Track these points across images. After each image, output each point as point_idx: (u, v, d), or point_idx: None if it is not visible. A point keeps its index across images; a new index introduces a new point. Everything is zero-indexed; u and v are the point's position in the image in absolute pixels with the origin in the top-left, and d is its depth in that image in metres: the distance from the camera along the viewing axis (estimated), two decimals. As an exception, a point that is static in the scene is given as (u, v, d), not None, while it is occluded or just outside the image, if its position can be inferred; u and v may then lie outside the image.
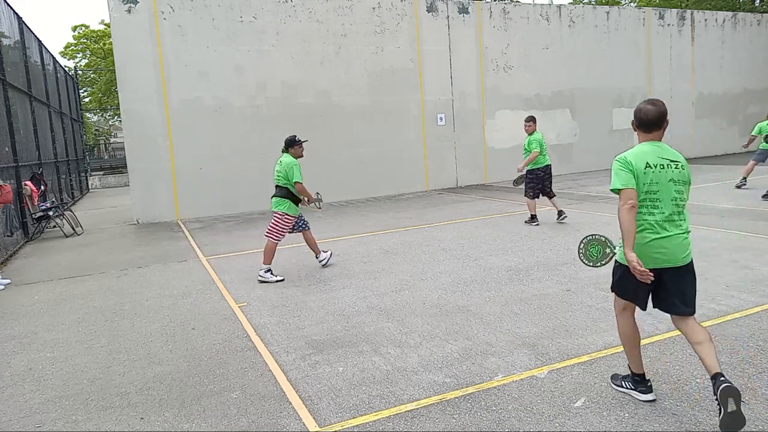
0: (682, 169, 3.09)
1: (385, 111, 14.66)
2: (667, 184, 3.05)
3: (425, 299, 5.42)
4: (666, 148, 3.13)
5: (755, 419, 2.97)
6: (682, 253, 3.06)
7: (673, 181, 3.06)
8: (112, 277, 7.32)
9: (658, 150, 3.10)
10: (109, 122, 47.20)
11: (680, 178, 3.08)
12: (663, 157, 3.08)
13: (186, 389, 3.79)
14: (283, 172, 6.79)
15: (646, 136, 3.16)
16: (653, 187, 3.04)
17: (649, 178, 3.04)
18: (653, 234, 3.05)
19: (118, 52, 12.14)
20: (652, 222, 3.06)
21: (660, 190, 3.04)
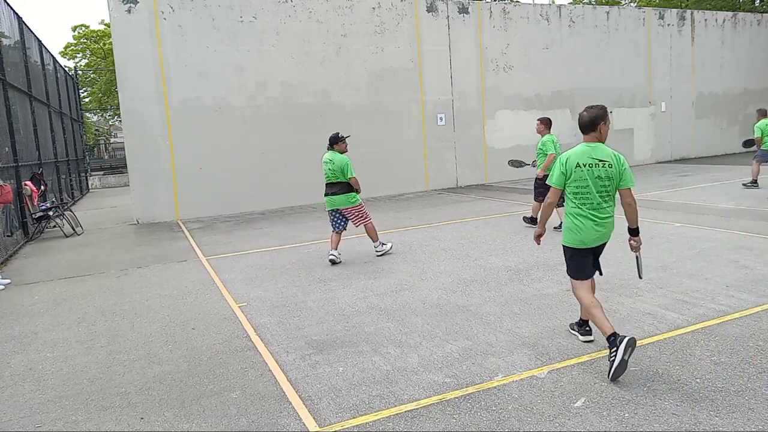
0: (609, 168, 3.74)
1: (385, 111, 14.66)
2: (594, 180, 3.75)
3: (425, 299, 5.42)
4: (599, 149, 3.78)
5: (755, 419, 2.97)
6: (609, 234, 3.92)
7: (599, 178, 3.74)
8: (112, 277, 7.32)
9: (590, 151, 3.77)
10: (109, 122, 47.21)
11: (606, 174, 3.74)
12: (593, 157, 3.75)
13: (186, 389, 3.79)
14: (338, 170, 7.11)
15: (584, 137, 3.85)
16: (583, 183, 3.77)
17: (578, 176, 3.77)
18: (591, 221, 3.81)
19: (118, 52, 12.14)
20: (585, 212, 3.81)
21: (589, 185, 3.76)
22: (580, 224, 3.82)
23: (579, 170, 3.76)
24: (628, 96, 18.28)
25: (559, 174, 3.83)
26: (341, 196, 7.14)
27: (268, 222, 11.35)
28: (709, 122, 20.18)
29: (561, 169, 3.82)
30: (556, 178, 3.84)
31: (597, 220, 3.80)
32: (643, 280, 5.55)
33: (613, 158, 3.75)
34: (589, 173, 3.75)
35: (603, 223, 3.81)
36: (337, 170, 7.10)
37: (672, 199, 10.71)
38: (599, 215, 3.79)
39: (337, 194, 7.14)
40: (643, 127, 18.79)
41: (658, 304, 4.86)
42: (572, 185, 3.80)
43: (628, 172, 3.77)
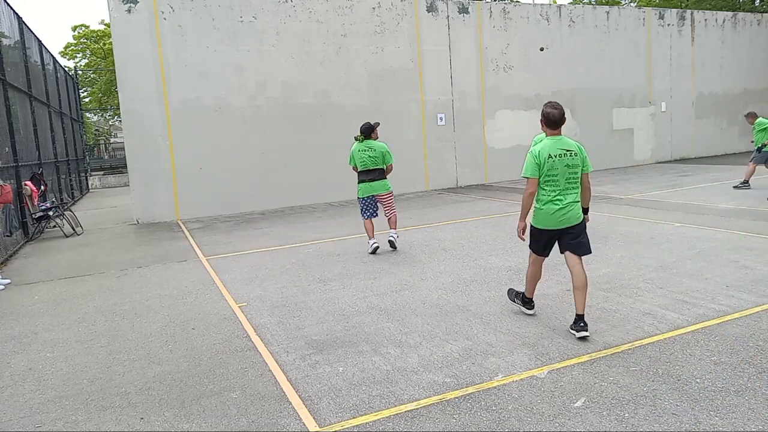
0: (574, 156, 4.26)
1: (385, 111, 14.66)
2: (563, 168, 4.23)
3: (425, 299, 5.42)
4: (564, 140, 4.30)
5: (755, 419, 2.97)
6: (576, 217, 4.31)
7: (567, 166, 4.24)
8: (112, 277, 7.32)
9: (557, 143, 4.28)
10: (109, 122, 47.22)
11: (573, 162, 4.25)
12: (561, 148, 4.24)
13: (186, 389, 3.79)
14: (380, 156, 7.45)
15: (551, 132, 4.34)
16: (553, 171, 4.23)
17: (550, 165, 4.22)
18: (556, 206, 4.26)
19: (118, 52, 12.14)
20: (552, 196, 4.26)
21: (558, 173, 4.23)
22: (548, 209, 4.30)
23: (551, 160, 4.23)
24: (628, 96, 18.28)
25: (534, 166, 4.27)
26: (381, 181, 7.49)
27: (268, 222, 11.35)
28: (709, 122, 20.19)
29: (535, 161, 4.26)
30: (531, 170, 4.27)
31: (562, 205, 4.27)
32: (643, 280, 5.56)
33: (576, 147, 4.32)
34: (559, 162, 4.23)
35: (568, 207, 4.28)
36: (378, 156, 7.44)
37: (672, 199, 10.71)
38: (564, 200, 4.27)
39: (377, 179, 7.46)
40: (643, 127, 18.79)
41: (658, 304, 4.86)
42: (545, 175, 4.26)
43: (588, 159, 4.37)
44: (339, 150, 14.15)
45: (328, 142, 13.97)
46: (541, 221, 4.38)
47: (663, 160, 19.28)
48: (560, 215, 4.27)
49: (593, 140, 17.60)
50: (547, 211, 4.29)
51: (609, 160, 18.05)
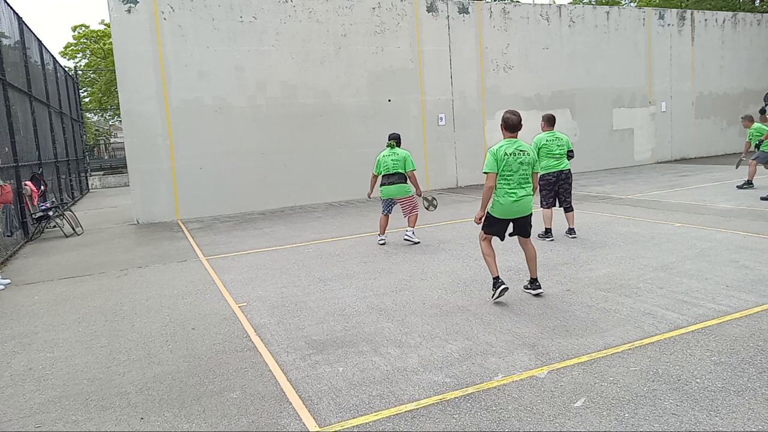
0: (527, 155, 4.99)
1: (385, 111, 14.66)
2: (517, 165, 4.97)
3: (425, 299, 5.42)
4: (519, 142, 5.03)
5: (755, 419, 2.97)
6: (528, 208, 5.08)
7: (521, 163, 4.97)
8: (112, 277, 7.32)
9: (513, 143, 5.01)
10: (109, 122, 47.22)
11: (526, 161, 4.99)
12: (516, 148, 4.98)
13: (186, 389, 3.79)
14: (401, 162, 7.96)
15: (509, 134, 5.05)
16: (509, 168, 4.95)
17: (506, 162, 4.94)
18: (511, 198, 4.99)
19: (118, 52, 12.14)
20: (508, 189, 4.99)
21: (512, 169, 4.96)
22: (504, 200, 5.01)
23: (507, 158, 4.94)
24: (628, 96, 18.29)
25: (492, 162, 4.96)
26: (396, 186, 7.94)
27: (268, 222, 11.35)
28: (709, 122, 20.19)
29: (494, 158, 4.96)
30: (490, 166, 4.97)
31: (516, 198, 4.99)
32: (643, 280, 5.56)
33: (530, 149, 5.04)
34: (514, 160, 4.94)
35: (521, 199, 5.00)
36: (400, 161, 7.96)
37: (672, 199, 10.71)
38: (518, 194, 4.98)
39: (394, 184, 7.93)
40: (643, 127, 18.79)
41: (658, 304, 4.86)
42: (501, 170, 4.95)
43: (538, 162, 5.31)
44: (339, 150, 14.17)
45: (328, 142, 13.98)
46: (498, 211, 5.08)
47: (663, 160, 19.28)
48: (515, 207, 5.01)
49: (593, 140, 17.63)
50: (504, 203, 5.00)
51: (609, 160, 18.06)
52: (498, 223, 5.14)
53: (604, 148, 17.88)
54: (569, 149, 7.72)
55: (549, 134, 7.71)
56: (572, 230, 7.80)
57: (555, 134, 7.72)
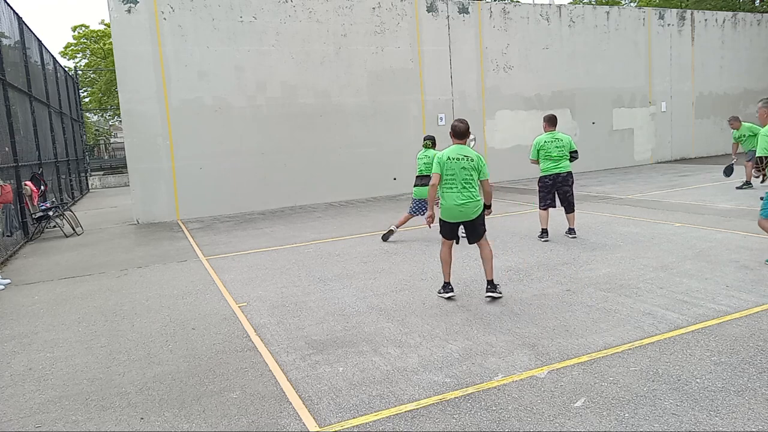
0: (471, 161, 5.14)
1: (385, 111, 14.66)
2: (460, 170, 5.12)
3: (425, 299, 5.42)
4: (465, 149, 5.21)
5: (755, 419, 2.97)
6: (473, 212, 5.19)
7: (464, 168, 5.13)
8: (112, 277, 7.32)
9: (459, 149, 5.20)
10: (109, 122, 47.22)
11: (469, 166, 5.13)
12: (460, 154, 5.16)
13: (186, 389, 3.79)
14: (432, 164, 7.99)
15: (456, 141, 5.24)
16: (451, 171, 5.13)
17: (449, 167, 5.14)
18: (455, 202, 5.14)
19: (118, 52, 12.14)
20: (452, 193, 5.15)
21: (455, 174, 5.12)
22: (448, 204, 5.18)
23: (449, 162, 5.13)
24: (628, 96, 18.28)
25: (437, 164, 5.18)
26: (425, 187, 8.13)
27: (268, 222, 11.35)
28: (709, 122, 20.19)
29: (439, 162, 5.18)
30: (435, 167, 5.20)
31: (459, 201, 5.13)
32: (643, 280, 5.56)
33: (476, 156, 5.19)
34: (456, 165, 5.12)
35: (465, 203, 5.13)
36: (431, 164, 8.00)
37: (672, 199, 10.71)
38: (461, 197, 5.13)
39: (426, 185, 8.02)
40: (643, 127, 18.80)
41: (658, 304, 4.86)
42: (445, 174, 5.13)
43: (485, 167, 5.21)
44: (339, 150, 14.17)
45: (328, 142, 13.98)
46: (445, 214, 5.27)
47: (663, 160, 19.28)
48: (459, 210, 5.15)
49: (593, 140, 17.63)
50: (448, 206, 5.18)
51: (609, 160, 18.06)
52: (446, 225, 5.31)
53: (604, 148, 17.87)
54: (572, 150, 7.59)
55: (549, 135, 7.61)
56: (572, 230, 7.75)
57: (555, 135, 7.60)
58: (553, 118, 7.76)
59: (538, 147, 7.61)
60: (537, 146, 7.62)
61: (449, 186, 5.14)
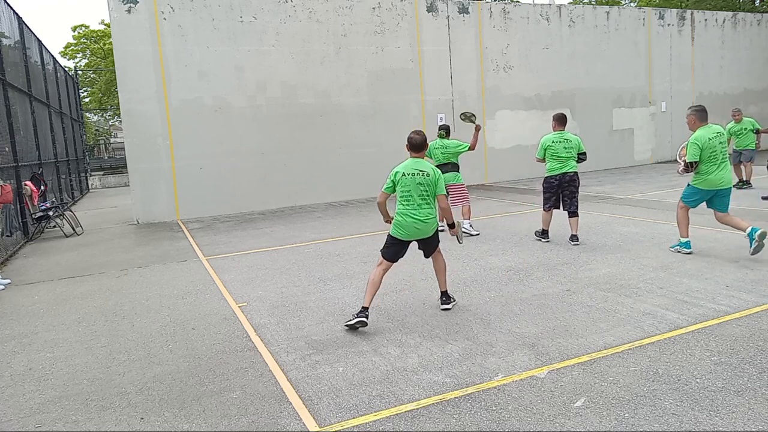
0: (427, 176, 4.77)
1: (385, 111, 14.67)
2: (416, 186, 4.77)
3: (425, 299, 5.42)
4: (422, 163, 4.85)
5: (755, 419, 2.97)
6: (430, 229, 4.87)
7: (420, 184, 4.77)
8: (112, 277, 7.32)
9: (415, 164, 4.84)
10: (109, 122, 47.22)
11: (425, 181, 4.77)
12: (416, 168, 4.79)
13: (186, 389, 3.79)
14: (453, 151, 8.42)
15: (413, 154, 4.90)
16: (406, 188, 4.79)
17: (404, 182, 4.80)
18: (411, 218, 4.78)
19: (118, 52, 12.14)
20: (409, 210, 4.79)
21: (411, 189, 4.78)
22: (403, 221, 4.80)
23: (404, 178, 4.79)
24: (628, 96, 18.29)
25: (390, 182, 4.85)
26: (451, 173, 8.32)
27: (268, 222, 11.35)
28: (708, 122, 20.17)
29: (390, 179, 4.85)
30: (387, 185, 4.87)
31: (416, 219, 4.77)
32: (643, 280, 5.56)
33: (431, 170, 4.81)
34: (412, 180, 4.77)
35: (422, 221, 4.79)
36: (452, 152, 8.42)
37: (672, 199, 10.70)
38: (419, 215, 4.77)
39: (448, 172, 8.23)
40: (643, 127, 18.80)
41: (658, 304, 4.86)
42: (400, 190, 4.81)
43: (442, 182, 4.85)
44: (339, 150, 14.17)
45: (328, 142, 13.98)
46: (399, 232, 4.83)
47: (663, 160, 19.29)
48: (416, 227, 4.79)
49: (593, 140, 17.61)
50: (404, 223, 4.79)
51: (609, 160, 18.06)
52: (397, 244, 4.87)
53: (604, 148, 17.87)
54: (581, 151, 7.36)
55: (557, 135, 7.37)
56: (575, 237, 7.41)
57: (564, 135, 7.36)
58: (562, 117, 7.51)
59: (545, 146, 7.37)
60: (544, 145, 7.38)
61: (406, 203, 4.79)
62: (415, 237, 4.85)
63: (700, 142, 6.26)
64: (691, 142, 6.36)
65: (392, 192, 4.86)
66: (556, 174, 7.35)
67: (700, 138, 6.28)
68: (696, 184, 6.55)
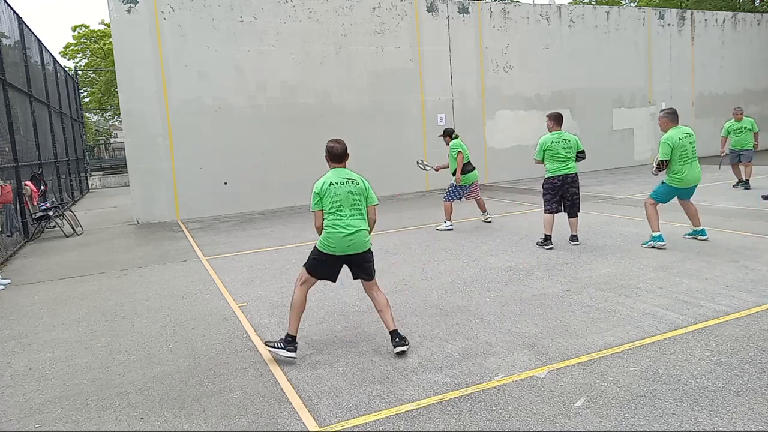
0: (357, 185, 4.30)
1: (385, 111, 14.66)
2: (347, 195, 4.25)
3: (425, 299, 5.42)
4: (345, 171, 4.38)
5: (755, 419, 2.97)
6: (363, 242, 4.27)
7: (351, 193, 4.26)
8: (112, 277, 7.32)
9: (340, 172, 4.36)
10: (109, 122, 47.22)
11: (356, 190, 4.28)
12: (344, 177, 4.31)
13: (186, 389, 3.79)
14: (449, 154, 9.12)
15: (334, 164, 4.40)
16: (337, 198, 4.23)
17: (333, 192, 4.24)
18: (344, 231, 4.19)
19: (118, 52, 12.14)
20: (339, 221, 4.20)
21: (342, 200, 4.23)
22: (336, 234, 4.21)
23: (333, 187, 4.26)
24: (628, 96, 18.28)
25: (317, 199, 4.27)
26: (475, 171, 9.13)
27: (268, 222, 11.35)
28: (709, 122, 20.17)
29: (316, 191, 4.29)
30: (315, 203, 4.28)
31: (349, 231, 4.21)
32: (643, 280, 5.56)
33: (360, 179, 4.38)
34: (341, 189, 4.26)
35: (356, 232, 4.23)
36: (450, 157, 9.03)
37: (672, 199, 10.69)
38: (352, 227, 4.22)
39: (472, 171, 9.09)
40: (643, 127, 18.79)
41: (658, 304, 4.86)
42: (329, 202, 4.24)
43: (372, 192, 4.41)
44: (339, 150, 14.14)
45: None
46: (328, 245, 4.23)
47: (663, 160, 19.26)
48: (348, 241, 4.22)
49: (593, 140, 17.60)
50: (336, 236, 4.20)
51: (609, 160, 18.05)
52: (326, 260, 4.29)
53: (604, 148, 17.86)
54: (579, 150, 7.29)
55: (555, 135, 7.26)
56: (575, 237, 7.40)
57: (562, 135, 7.29)
58: (559, 117, 7.43)
59: (544, 147, 7.24)
60: (543, 146, 7.25)
61: (337, 214, 4.21)
62: (345, 252, 4.25)
63: (671, 142, 6.64)
64: (662, 142, 6.69)
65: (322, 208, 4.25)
66: (558, 175, 7.24)
67: (671, 138, 6.66)
68: (672, 182, 6.93)
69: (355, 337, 4.54)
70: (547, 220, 7.33)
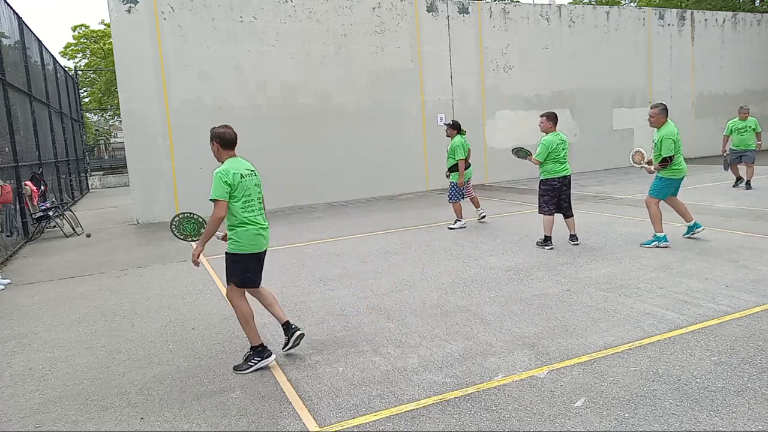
0: (257, 176, 4.10)
1: (385, 111, 14.66)
2: (254, 188, 4.01)
3: (425, 299, 5.42)
4: (243, 162, 4.06)
5: (755, 419, 2.97)
6: (268, 241, 4.10)
7: (256, 185, 4.04)
8: (112, 277, 7.32)
9: (240, 163, 4.02)
10: (109, 122, 47.22)
11: (258, 182, 4.09)
12: (246, 168, 4.02)
13: (186, 389, 3.79)
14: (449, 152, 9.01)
15: (229, 153, 4.07)
16: (248, 192, 3.93)
17: (244, 185, 3.91)
18: (255, 228, 3.95)
19: (118, 52, 12.14)
20: (252, 219, 3.95)
21: (251, 193, 3.97)
22: (253, 231, 3.95)
23: (243, 180, 3.92)
24: (628, 96, 18.28)
25: (225, 187, 3.83)
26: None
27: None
28: (709, 122, 20.18)
29: (226, 182, 3.83)
30: (221, 192, 3.81)
31: (259, 226, 4.01)
32: (643, 280, 5.57)
33: (255, 169, 4.16)
34: (250, 182, 3.98)
35: (265, 228, 4.06)
36: (448, 152, 8.98)
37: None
38: (262, 222, 4.04)
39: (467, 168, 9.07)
40: (643, 127, 18.75)
41: (658, 304, 4.86)
42: (240, 196, 3.89)
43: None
44: (339, 150, 14.16)
45: (328, 142, 13.97)
46: (251, 244, 3.95)
47: (663, 160, 19.25)
48: (265, 237, 4.04)
49: (593, 140, 17.63)
50: (253, 234, 3.93)
51: (609, 160, 18.05)
52: (252, 263, 4.01)
53: (604, 148, 17.86)
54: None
55: (556, 136, 7.21)
56: (574, 236, 7.41)
57: (560, 136, 7.28)
58: (557, 117, 7.42)
59: (550, 149, 7.11)
60: (549, 148, 7.11)
61: (249, 208, 3.94)
62: (261, 249, 4.03)
63: (674, 137, 6.97)
64: (664, 138, 6.92)
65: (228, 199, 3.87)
66: (559, 176, 7.22)
67: (673, 133, 7.01)
68: (671, 175, 7.03)
69: (355, 337, 4.54)
70: (548, 222, 7.31)
